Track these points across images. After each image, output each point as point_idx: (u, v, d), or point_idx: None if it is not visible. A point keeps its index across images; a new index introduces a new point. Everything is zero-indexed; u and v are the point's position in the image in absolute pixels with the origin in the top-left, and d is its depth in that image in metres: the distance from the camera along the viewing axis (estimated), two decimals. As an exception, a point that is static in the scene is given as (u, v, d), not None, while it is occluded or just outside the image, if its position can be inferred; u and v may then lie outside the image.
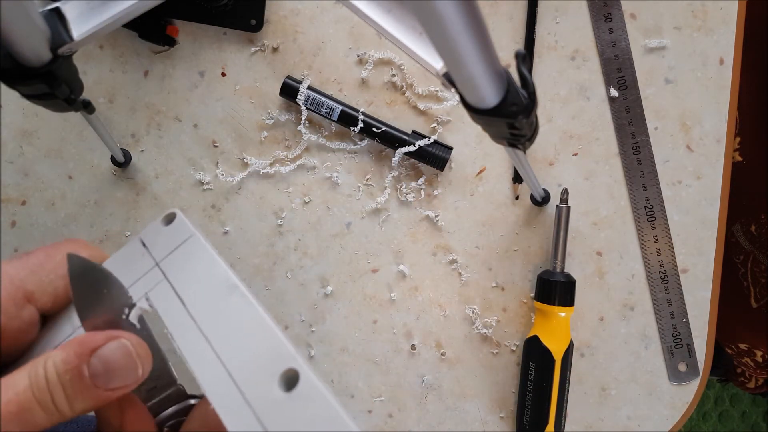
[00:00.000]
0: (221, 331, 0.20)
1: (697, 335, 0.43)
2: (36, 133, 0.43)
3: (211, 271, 0.22)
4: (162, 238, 0.24)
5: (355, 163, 0.43)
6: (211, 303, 0.21)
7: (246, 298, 0.21)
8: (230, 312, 0.21)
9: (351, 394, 0.44)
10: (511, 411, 0.44)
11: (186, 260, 0.23)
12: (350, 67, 0.42)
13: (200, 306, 0.22)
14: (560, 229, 0.40)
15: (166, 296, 0.22)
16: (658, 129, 0.42)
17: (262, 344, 0.19)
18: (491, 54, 0.21)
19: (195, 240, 0.24)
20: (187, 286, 0.22)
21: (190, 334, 0.21)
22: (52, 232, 0.43)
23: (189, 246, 0.24)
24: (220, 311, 0.21)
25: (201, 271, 0.23)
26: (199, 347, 0.20)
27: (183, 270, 0.23)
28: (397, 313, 0.43)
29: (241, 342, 0.20)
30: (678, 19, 0.41)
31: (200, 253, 0.23)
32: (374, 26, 0.28)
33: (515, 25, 0.41)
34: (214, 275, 0.22)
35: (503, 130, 0.25)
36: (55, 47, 0.26)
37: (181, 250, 0.24)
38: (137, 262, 0.24)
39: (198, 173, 0.43)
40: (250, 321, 0.20)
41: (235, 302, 0.21)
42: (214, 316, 0.21)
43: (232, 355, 0.20)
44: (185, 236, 0.24)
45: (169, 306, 0.22)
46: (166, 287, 0.23)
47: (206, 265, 0.23)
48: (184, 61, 0.42)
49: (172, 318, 0.22)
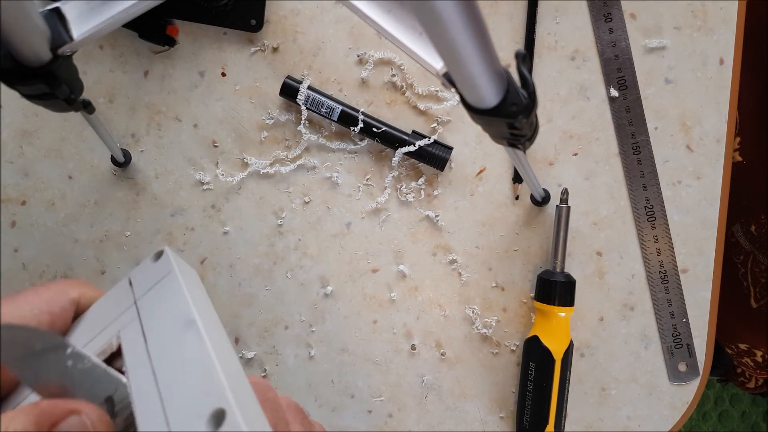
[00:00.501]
0: (168, 368, 0.20)
1: (697, 335, 0.43)
2: (36, 133, 0.43)
3: (176, 306, 0.22)
4: (146, 276, 0.24)
5: (355, 163, 0.43)
6: (168, 339, 0.21)
7: (199, 333, 0.21)
8: (182, 348, 0.21)
9: (351, 394, 0.44)
10: (511, 411, 0.44)
11: (160, 297, 0.23)
12: (350, 67, 0.42)
13: (158, 342, 0.21)
14: (560, 229, 0.40)
15: (133, 334, 0.22)
16: (658, 129, 0.42)
17: (200, 381, 0.19)
18: (491, 54, 0.21)
19: (171, 276, 0.24)
20: (153, 323, 0.22)
21: (142, 370, 0.21)
22: (52, 232, 0.44)
23: (165, 282, 0.24)
24: (173, 348, 0.21)
25: (169, 308, 0.22)
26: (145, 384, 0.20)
27: (154, 307, 0.23)
28: (397, 313, 0.43)
29: (183, 379, 0.20)
30: (678, 19, 0.41)
31: (173, 289, 0.23)
32: (374, 26, 0.28)
33: (515, 25, 0.41)
34: (178, 311, 0.22)
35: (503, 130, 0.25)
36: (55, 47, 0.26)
37: (158, 286, 0.24)
38: (121, 300, 0.24)
39: (198, 173, 0.43)
40: (196, 358, 0.20)
41: (189, 338, 0.21)
42: (167, 352, 0.21)
43: (171, 392, 0.19)
44: (165, 273, 0.24)
45: (133, 344, 0.22)
46: (136, 325, 0.23)
47: (174, 300, 0.23)
48: (184, 61, 0.42)
49: (132, 356, 0.22)
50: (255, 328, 0.44)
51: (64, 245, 0.44)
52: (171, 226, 0.43)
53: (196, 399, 0.19)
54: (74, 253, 0.44)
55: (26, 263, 0.44)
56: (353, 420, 0.44)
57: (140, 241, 0.44)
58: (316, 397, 0.44)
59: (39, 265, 0.44)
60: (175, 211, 0.43)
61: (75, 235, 0.44)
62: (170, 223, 0.43)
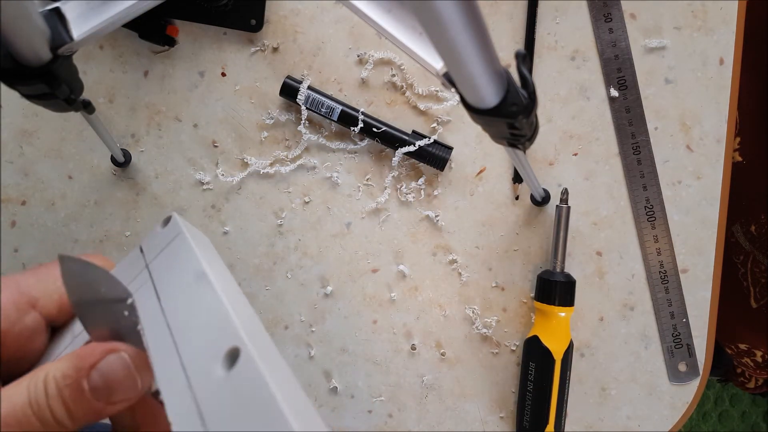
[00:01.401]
0: (182, 320, 0.20)
1: (697, 335, 0.43)
2: (36, 133, 0.43)
3: (185, 263, 0.23)
4: (156, 241, 0.25)
5: (355, 163, 0.43)
6: (180, 293, 0.22)
7: (209, 283, 0.21)
8: (194, 300, 0.21)
9: (351, 394, 0.44)
10: (511, 411, 0.44)
11: (170, 258, 0.24)
12: (350, 67, 0.42)
13: (171, 298, 0.22)
14: (560, 229, 0.40)
15: (147, 295, 0.23)
16: (658, 129, 0.42)
17: (213, 326, 0.19)
18: (491, 54, 0.21)
19: (180, 237, 0.24)
20: (165, 282, 0.23)
21: (157, 327, 0.21)
22: (52, 232, 0.43)
23: (175, 244, 0.24)
24: (185, 301, 0.21)
25: (179, 266, 0.23)
26: (161, 338, 0.20)
27: (165, 267, 0.23)
28: (397, 313, 0.43)
29: (196, 327, 0.20)
30: (678, 19, 0.41)
31: (182, 248, 0.23)
32: (374, 26, 0.28)
33: (515, 25, 0.41)
34: (188, 267, 0.22)
35: (503, 130, 0.25)
36: (55, 47, 0.26)
37: (168, 248, 0.24)
38: (133, 266, 0.24)
39: (198, 173, 0.43)
40: (208, 304, 0.20)
41: (200, 289, 0.21)
42: (179, 305, 0.21)
43: (186, 340, 0.20)
44: (173, 235, 0.24)
45: (147, 303, 0.22)
46: (149, 286, 0.23)
47: (184, 257, 0.23)
48: (184, 61, 0.42)
49: (147, 315, 0.22)
50: (255, 328, 0.44)
51: (64, 245, 0.44)
52: (171, 226, 0.43)
53: (210, 341, 0.19)
54: (74, 253, 0.44)
55: (26, 263, 0.44)
56: (353, 420, 0.44)
57: (140, 241, 0.43)
58: (316, 397, 0.44)
59: (39, 265, 0.44)
60: (175, 211, 0.43)
61: (75, 235, 0.44)
62: (170, 223, 0.43)
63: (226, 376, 0.17)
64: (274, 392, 0.16)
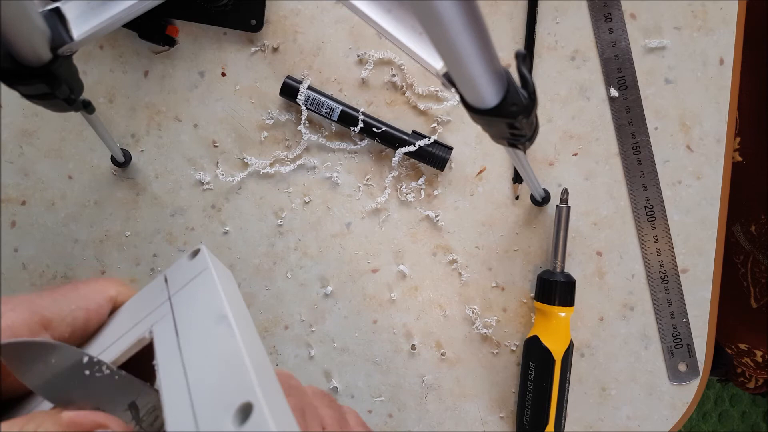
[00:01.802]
0: (198, 363, 0.20)
1: (697, 335, 0.43)
2: (36, 133, 0.43)
3: (209, 302, 0.22)
4: (182, 273, 0.25)
5: (355, 163, 0.43)
6: (200, 334, 0.21)
7: (230, 328, 0.21)
8: (213, 343, 0.21)
9: (351, 394, 0.44)
10: (511, 411, 0.44)
11: (194, 293, 0.23)
12: (350, 67, 0.42)
13: (189, 337, 0.22)
14: (560, 229, 0.40)
15: (166, 328, 0.22)
16: (658, 129, 0.42)
17: (229, 375, 0.19)
18: (491, 54, 0.21)
19: (206, 273, 0.24)
20: (185, 318, 0.22)
21: (172, 365, 0.21)
22: (52, 232, 0.44)
23: (200, 279, 0.24)
24: (204, 342, 0.21)
25: (202, 303, 0.23)
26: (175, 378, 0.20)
27: (188, 303, 0.23)
28: (397, 313, 0.43)
29: (212, 374, 0.20)
30: (678, 19, 0.41)
31: (207, 285, 0.23)
32: (374, 26, 0.28)
33: (515, 25, 0.41)
34: (211, 306, 0.22)
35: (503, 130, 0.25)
36: (55, 47, 0.26)
37: (193, 283, 0.24)
38: (155, 296, 0.24)
39: (198, 173, 0.43)
40: (227, 352, 0.20)
41: (220, 333, 0.21)
42: (197, 346, 0.21)
43: (200, 386, 0.19)
44: (200, 270, 0.24)
45: (165, 338, 0.22)
46: (170, 320, 0.23)
47: (208, 296, 0.23)
48: (184, 61, 0.42)
49: (163, 349, 0.22)
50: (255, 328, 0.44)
51: (64, 245, 0.44)
52: (171, 226, 0.43)
53: (224, 392, 0.19)
54: (74, 253, 0.44)
55: (26, 263, 0.44)
56: (353, 420, 0.44)
57: (140, 241, 0.44)
58: (316, 397, 0.44)
59: (39, 265, 0.44)
60: (175, 211, 0.43)
61: (75, 235, 0.44)
62: (170, 223, 0.43)
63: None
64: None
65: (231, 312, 0.21)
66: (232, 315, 0.21)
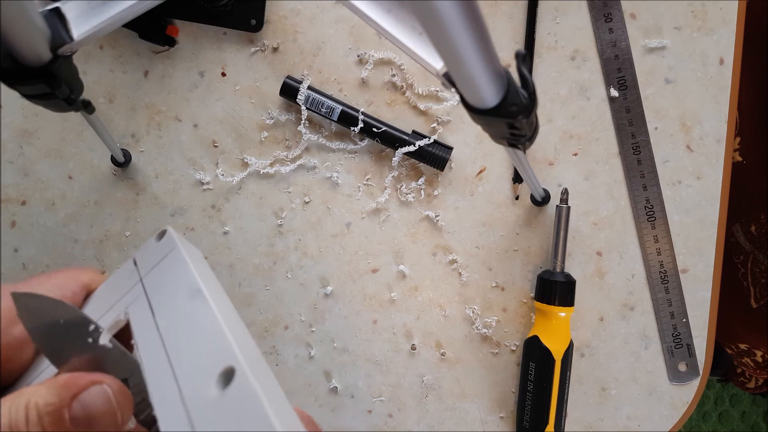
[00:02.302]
0: (177, 336, 0.21)
1: (697, 335, 0.43)
2: (36, 133, 0.43)
3: (181, 279, 0.23)
4: (150, 255, 0.25)
5: (355, 163, 0.43)
6: (175, 310, 0.22)
7: (205, 301, 0.21)
8: (189, 316, 0.21)
9: (351, 394, 0.44)
10: (511, 411, 0.44)
11: (164, 272, 0.24)
12: (350, 67, 0.42)
13: (165, 314, 0.22)
14: (560, 229, 0.40)
15: (141, 309, 0.23)
16: (658, 129, 0.42)
17: (208, 345, 0.19)
18: (491, 54, 0.21)
19: (175, 251, 0.24)
20: (159, 296, 0.23)
21: (151, 342, 0.21)
22: (52, 232, 0.43)
23: (169, 258, 0.24)
24: (180, 317, 0.21)
25: (174, 281, 0.23)
26: (155, 353, 0.20)
27: (160, 282, 0.24)
28: (397, 313, 0.43)
29: (191, 344, 0.20)
30: (678, 19, 0.41)
31: (177, 263, 0.24)
32: (374, 26, 0.28)
33: (515, 25, 0.41)
34: (183, 282, 0.22)
35: (503, 130, 0.25)
36: (55, 47, 0.26)
37: (163, 263, 0.24)
38: (127, 279, 0.25)
39: (198, 173, 0.43)
40: (204, 323, 0.20)
41: (196, 306, 0.21)
42: (174, 322, 0.21)
43: (180, 357, 0.20)
44: (168, 250, 0.24)
45: (141, 318, 0.22)
46: (143, 300, 0.23)
47: (179, 273, 0.23)
48: (184, 61, 0.42)
49: (141, 329, 0.22)
50: (255, 328, 0.44)
51: (64, 245, 0.44)
52: (171, 226, 0.43)
53: (205, 360, 0.19)
54: (74, 253, 0.44)
55: (26, 263, 0.44)
56: (353, 420, 0.44)
57: (140, 241, 0.44)
58: (316, 397, 0.44)
59: (39, 265, 0.44)
60: (175, 211, 0.43)
61: (75, 235, 0.44)
62: (170, 223, 0.43)
63: (220, 395, 0.18)
64: (269, 413, 0.16)
65: (204, 286, 0.22)
66: (205, 289, 0.22)
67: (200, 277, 0.22)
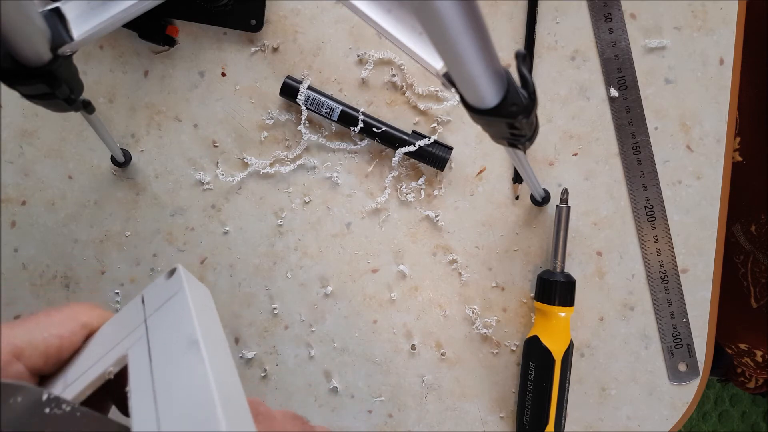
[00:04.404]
0: (168, 391, 0.20)
1: (697, 335, 0.43)
2: (36, 133, 0.43)
3: (182, 325, 0.22)
4: (158, 293, 0.24)
5: (355, 163, 0.43)
6: (171, 359, 0.21)
7: (200, 355, 0.20)
8: (183, 370, 0.21)
9: (351, 394, 0.44)
10: (511, 411, 0.44)
11: (168, 315, 0.23)
12: (350, 67, 0.42)
13: (161, 362, 0.21)
14: (560, 229, 0.40)
15: (140, 353, 0.22)
16: (658, 129, 0.42)
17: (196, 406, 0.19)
18: (491, 54, 0.21)
19: (180, 294, 0.24)
20: (159, 342, 0.22)
21: (144, 390, 0.20)
22: (52, 232, 0.43)
23: (174, 300, 0.24)
24: (174, 369, 0.21)
25: (174, 327, 0.22)
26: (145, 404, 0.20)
27: (162, 326, 0.23)
28: (397, 313, 0.43)
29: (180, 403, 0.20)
30: (678, 19, 0.41)
31: (181, 308, 0.23)
32: (374, 26, 0.28)
33: (515, 25, 0.41)
34: (183, 330, 0.22)
35: (503, 130, 0.25)
36: (55, 47, 0.26)
37: (168, 304, 0.24)
38: (132, 317, 0.24)
39: (198, 173, 0.43)
40: (195, 380, 0.20)
41: (191, 359, 0.21)
42: (168, 373, 0.21)
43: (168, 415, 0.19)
44: (175, 291, 0.24)
45: (139, 363, 0.22)
46: (144, 344, 0.23)
47: (181, 319, 0.22)
48: (184, 61, 0.42)
49: (136, 374, 0.21)
50: (255, 328, 0.44)
51: (64, 245, 0.44)
52: (171, 226, 0.43)
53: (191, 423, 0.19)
54: (74, 253, 0.44)
55: (26, 263, 0.44)
56: (353, 420, 0.44)
57: (140, 241, 0.44)
58: (316, 397, 0.44)
59: (39, 265, 0.44)
60: (175, 211, 0.43)
61: (75, 235, 0.44)
62: (170, 223, 0.43)
63: None
64: None
65: (202, 337, 0.21)
66: (202, 340, 0.21)
67: (201, 325, 0.22)
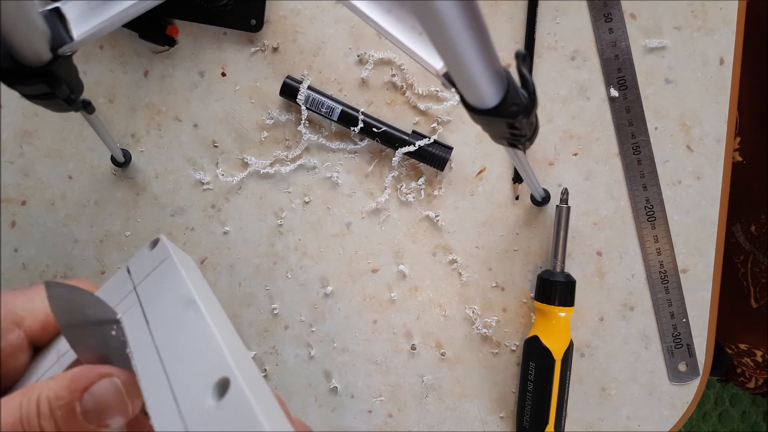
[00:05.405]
0: (172, 346, 0.21)
1: (697, 335, 0.43)
2: (36, 133, 0.43)
3: (175, 288, 0.23)
4: (144, 263, 0.25)
5: (355, 163, 0.43)
6: (170, 319, 0.22)
7: (199, 311, 0.21)
8: (184, 326, 0.21)
9: (351, 394, 0.44)
10: (511, 411, 0.44)
11: (158, 281, 0.24)
12: (350, 67, 0.42)
13: (160, 323, 0.22)
14: (560, 229, 0.40)
15: (135, 317, 0.23)
16: (658, 129, 0.42)
17: (203, 355, 0.20)
18: (491, 54, 0.21)
19: (168, 261, 0.24)
20: (153, 305, 0.23)
21: (147, 351, 0.21)
22: (52, 232, 0.43)
23: (163, 267, 0.24)
24: (175, 327, 0.21)
25: (168, 291, 0.23)
26: (151, 363, 0.21)
27: (154, 291, 0.24)
28: (397, 313, 0.43)
29: (187, 355, 0.20)
30: (678, 19, 0.41)
31: (170, 273, 0.24)
32: (374, 26, 0.28)
33: (515, 25, 0.41)
34: (177, 292, 0.23)
35: (503, 130, 0.25)
36: (55, 47, 0.26)
37: (156, 272, 0.24)
38: (121, 288, 0.25)
39: (198, 173, 0.43)
40: (198, 333, 0.21)
41: (190, 316, 0.21)
42: (169, 332, 0.22)
43: (176, 367, 0.20)
44: (161, 258, 0.25)
45: (136, 326, 0.22)
46: (137, 309, 0.23)
47: (173, 283, 0.23)
48: (184, 61, 0.42)
49: (135, 337, 0.22)
50: (255, 328, 0.44)
51: (64, 245, 0.44)
52: (171, 226, 0.43)
53: (201, 371, 0.19)
54: (74, 253, 0.44)
55: (26, 263, 0.44)
56: (353, 420, 0.44)
57: (140, 241, 0.44)
58: (316, 397, 0.44)
59: (39, 265, 0.44)
60: (175, 211, 0.43)
61: (75, 235, 0.44)
62: (170, 223, 0.43)
63: (216, 406, 0.18)
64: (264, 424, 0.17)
65: (197, 296, 0.22)
66: (199, 299, 0.22)
67: (193, 286, 0.23)
